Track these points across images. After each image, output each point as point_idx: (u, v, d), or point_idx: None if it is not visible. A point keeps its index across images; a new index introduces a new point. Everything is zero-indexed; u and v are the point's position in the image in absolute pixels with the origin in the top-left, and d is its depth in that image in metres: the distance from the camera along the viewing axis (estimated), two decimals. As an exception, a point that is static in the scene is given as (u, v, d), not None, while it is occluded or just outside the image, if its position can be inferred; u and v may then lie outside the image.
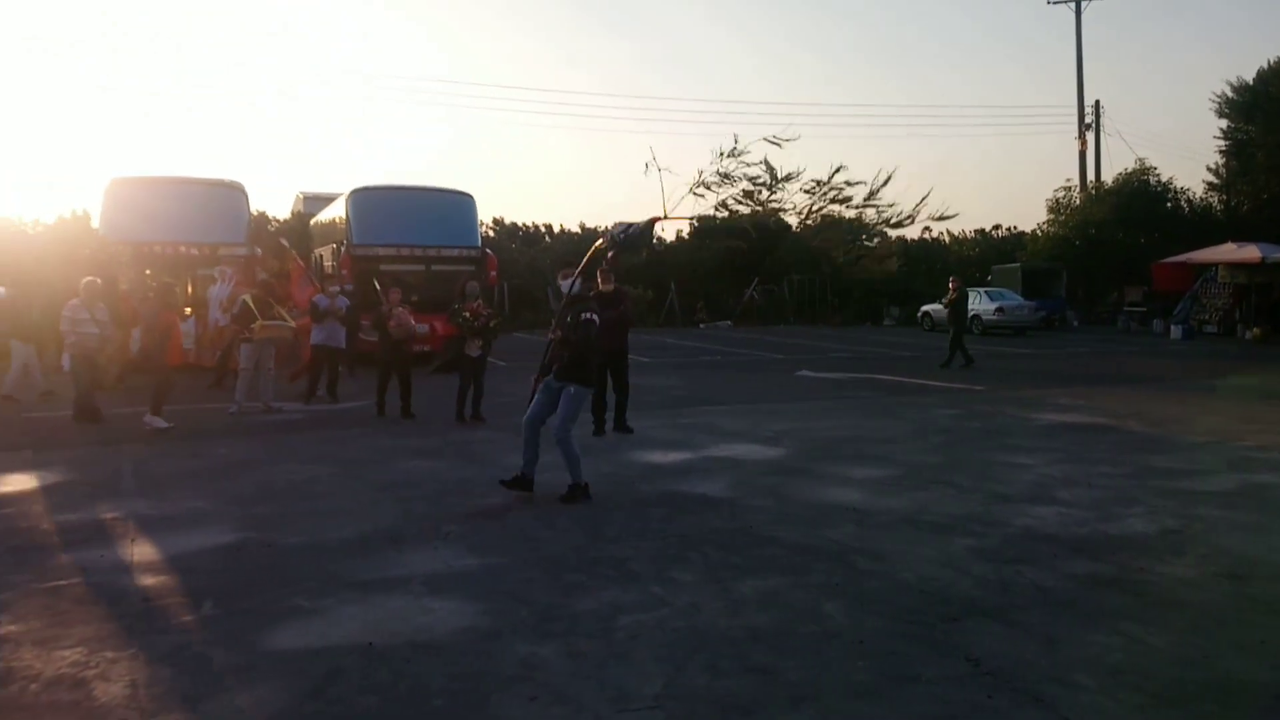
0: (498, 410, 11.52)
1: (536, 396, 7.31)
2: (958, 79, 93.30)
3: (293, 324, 12.37)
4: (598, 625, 4.55)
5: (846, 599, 4.91)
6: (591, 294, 7.35)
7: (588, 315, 7.16)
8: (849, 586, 5.11)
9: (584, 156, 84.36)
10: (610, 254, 9.20)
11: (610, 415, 10.45)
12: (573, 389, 7.13)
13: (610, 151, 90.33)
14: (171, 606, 4.84)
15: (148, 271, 17.19)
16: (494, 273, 19.79)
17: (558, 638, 4.39)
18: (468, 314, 10.82)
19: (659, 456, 9.00)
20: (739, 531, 6.23)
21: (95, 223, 20.08)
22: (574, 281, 7.53)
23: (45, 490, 7.57)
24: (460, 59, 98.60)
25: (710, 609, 4.78)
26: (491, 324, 11.09)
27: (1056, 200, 35.63)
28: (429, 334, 13.42)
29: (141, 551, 5.82)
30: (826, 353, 22.24)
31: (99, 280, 11.63)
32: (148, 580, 5.27)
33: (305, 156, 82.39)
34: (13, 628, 4.52)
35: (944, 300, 18.89)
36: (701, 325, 33.59)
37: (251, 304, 11.91)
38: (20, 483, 7.81)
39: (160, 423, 10.47)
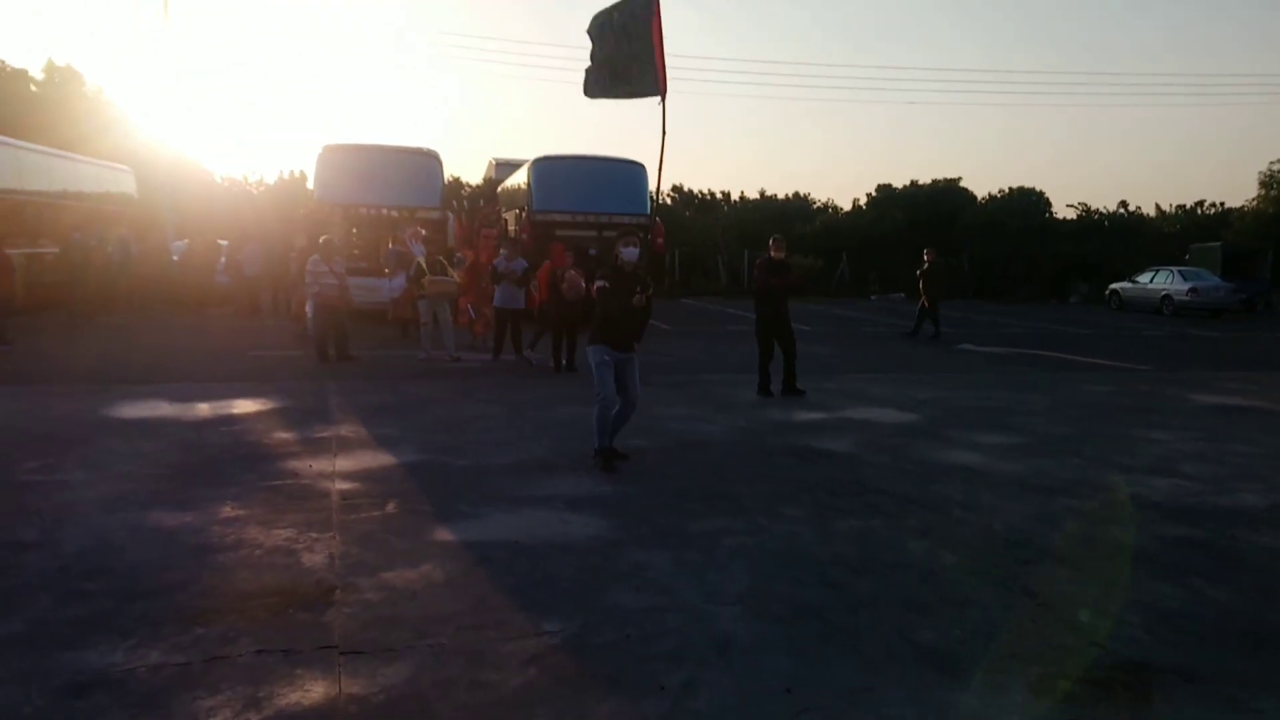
0: (654, 369, 12.39)
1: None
2: (1160, 44, 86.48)
3: (456, 279, 13.68)
4: (704, 543, 5.30)
5: (932, 539, 5.45)
6: (615, 263, 7.26)
7: (599, 283, 7.27)
8: (938, 530, 5.63)
9: (779, 126, 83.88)
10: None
11: (778, 379, 11.00)
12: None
13: (798, 118, 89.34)
14: (363, 505, 5.94)
15: (354, 230, 19.10)
16: (660, 240, 20.60)
17: (669, 550, 5.17)
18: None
19: (795, 415, 9.59)
20: (852, 482, 6.80)
21: (310, 184, 22.18)
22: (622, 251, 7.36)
23: (270, 414, 9.00)
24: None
25: (805, 538, 5.43)
26: (648, 285, 11.90)
27: (1270, 175, 32.95)
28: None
29: (342, 464, 7.01)
30: (996, 328, 21.89)
31: (334, 238, 13.31)
32: (345, 485, 6.42)
33: (530, 125, 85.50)
34: (241, 512, 5.72)
35: (919, 270, 18.55)
36: (873, 297, 33.31)
37: (423, 263, 13.30)
38: (251, 406, 9.29)
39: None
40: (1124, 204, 40.61)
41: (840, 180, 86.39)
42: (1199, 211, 38.84)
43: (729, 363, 13.97)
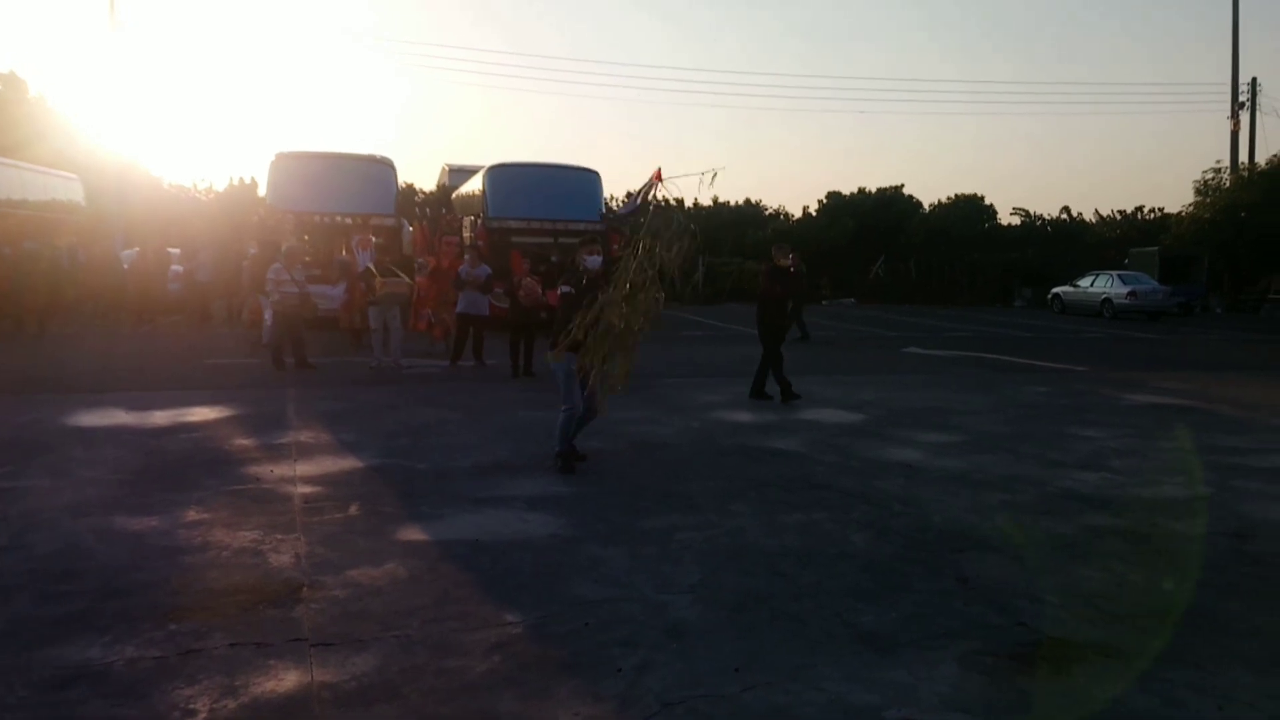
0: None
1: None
2: (1100, 55, 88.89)
3: (409, 281, 13.82)
4: (658, 538, 5.55)
5: (873, 532, 5.75)
6: (580, 267, 7.42)
7: (563, 289, 7.41)
8: (879, 523, 5.94)
9: (738, 134, 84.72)
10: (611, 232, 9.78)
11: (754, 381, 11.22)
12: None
13: (749, 126, 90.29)
14: (326, 507, 6.10)
15: (306, 237, 19.09)
16: (615, 247, 20.85)
17: (624, 544, 5.42)
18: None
19: (746, 417, 9.89)
20: (799, 479, 7.09)
21: (262, 191, 22.11)
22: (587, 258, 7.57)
23: (227, 421, 9.08)
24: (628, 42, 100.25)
25: (753, 532, 5.71)
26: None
27: (1205, 182, 34.13)
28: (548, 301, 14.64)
29: (303, 468, 7.16)
30: (941, 332, 22.45)
31: (295, 246, 13.36)
32: (308, 489, 6.57)
33: (483, 131, 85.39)
34: (206, 515, 5.85)
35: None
36: (824, 302, 33.86)
37: (373, 268, 13.43)
38: (209, 414, 9.36)
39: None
40: (1066, 210, 41.76)
41: (792, 188, 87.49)
42: (1139, 217, 40.04)
43: (684, 367, 14.26)
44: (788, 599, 4.60)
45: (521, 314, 12.89)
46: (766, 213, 44.11)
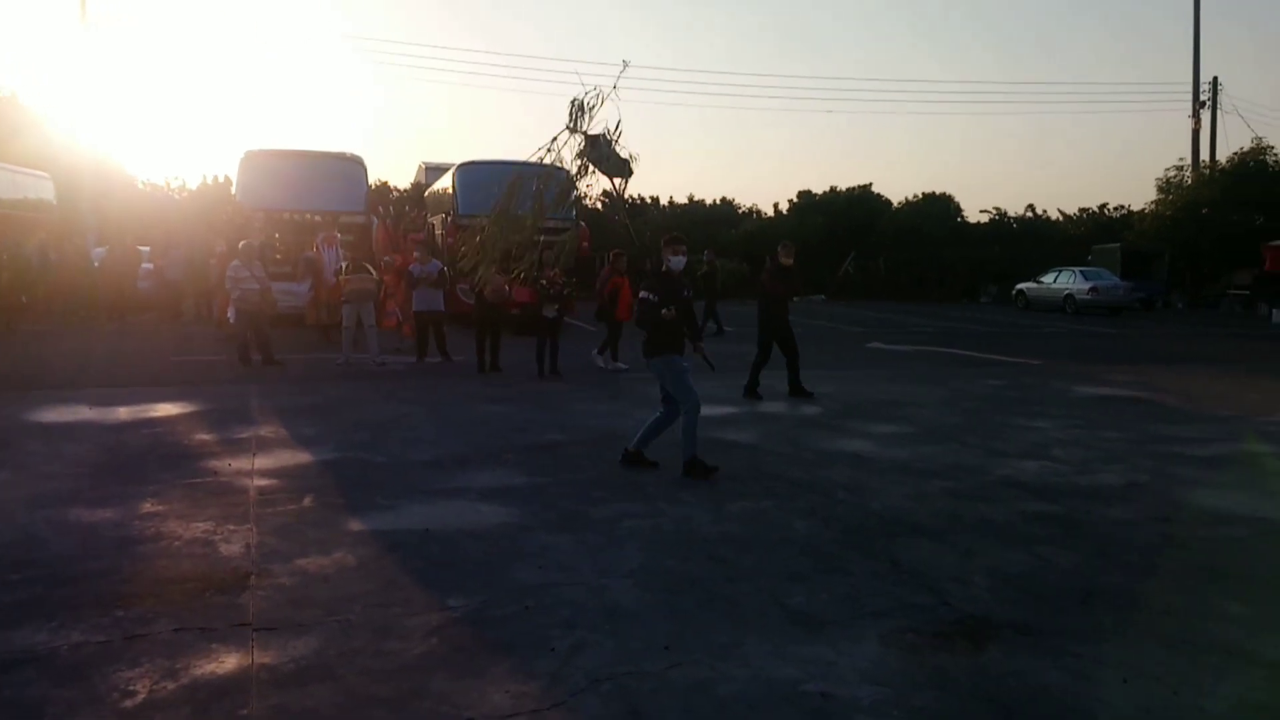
0: (576, 368, 12.88)
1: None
2: (1066, 55, 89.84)
3: (376, 277, 13.89)
4: (605, 526, 5.69)
5: (815, 519, 5.92)
6: (661, 271, 7.10)
7: (643, 294, 7.14)
8: (821, 511, 6.11)
9: (714, 133, 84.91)
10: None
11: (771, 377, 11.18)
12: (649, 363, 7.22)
13: (724, 126, 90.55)
14: (280, 499, 6.20)
15: (276, 235, 19.10)
16: (586, 244, 20.97)
17: (572, 532, 5.55)
18: (545, 281, 12.07)
19: (706, 410, 9.99)
20: (750, 469, 7.26)
21: (234, 189, 22.09)
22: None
23: (190, 416, 9.14)
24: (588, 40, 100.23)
25: (699, 519, 5.86)
26: (566, 291, 12.33)
27: (1167, 180, 34.71)
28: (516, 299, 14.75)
29: (261, 462, 7.24)
30: (906, 327, 22.74)
31: (254, 243, 13.38)
32: (263, 481, 6.66)
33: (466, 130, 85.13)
34: (161, 507, 5.94)
35: (699, 273, 19.48)
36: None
37: (343, 265, 13.54)
38: (171, 409, 9.42)
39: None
40: (1031, 208, 42.30)
41: (765, 186, 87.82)
42: (1103, 214, 40.61)
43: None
44: (724, 581, 4.76)
45: (487, 310, 12.99)
46: (740, 211, 44.37)
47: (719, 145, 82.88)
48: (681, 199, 45.72)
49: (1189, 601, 4.61)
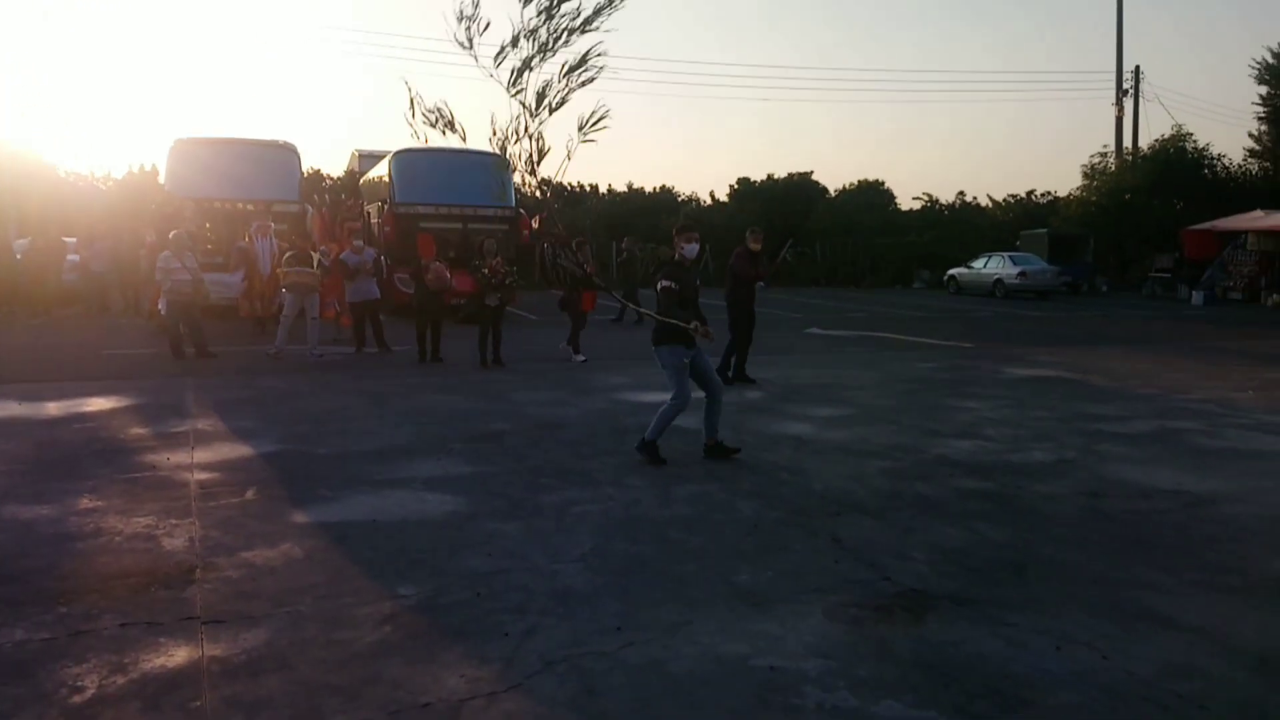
0: (520, 357, 12.88)
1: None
2: (994, 44, 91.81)
3: (315, 270, 13.68)
4: (554, 513, 5.73)
5: (760, 500, 6.04)
6: (675, 259, 7.09)
7: (664, 283, 7.02)
8: (766, 492, 6.24)
9: (651, 122, 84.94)
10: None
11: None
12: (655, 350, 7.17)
13: (662, 114, 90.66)
14: (222, 493, 6.12)
15: (207, 225, 18.68)
16: (526, 232, 20.91)
17: (521, 519, 5.59)
18: (486, 270, 12.03)
19: (648, 397, 10.11)
20: (694, 453, 7.35)
21: (162, 179, 21.53)
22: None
23: (125, 410, 8.94)
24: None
25: (646, 503, 5.94)
26: (508, 280, 12.30)
27: (1092, 166, 35.77)
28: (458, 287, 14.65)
29: (200, 456, 7.13)
30: (844, 313, 23.12)
31: (184, 233, 13.05)
32: (204, 475, 6.56)
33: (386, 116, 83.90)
34: (99, 503, 5.83)
35: (619, 260, 19.98)
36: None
37: (283, 256, 13.31)
38: (105, 404, 9.20)
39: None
40: (962, 194, 43.20)
41: (704, 174, 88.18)
42: (1031, 200, 41.63)
43: (592, 350, 14.41)
44: (672, 562, 4.84)
45: (428, 298, 12.90)
46: (680, 199, 44.53)
47: (658, 133, 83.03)
48: (621, 187, 45.81)
49: (1116, 571, 4.82)
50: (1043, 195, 41.70)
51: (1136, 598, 4.43)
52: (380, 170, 21.68)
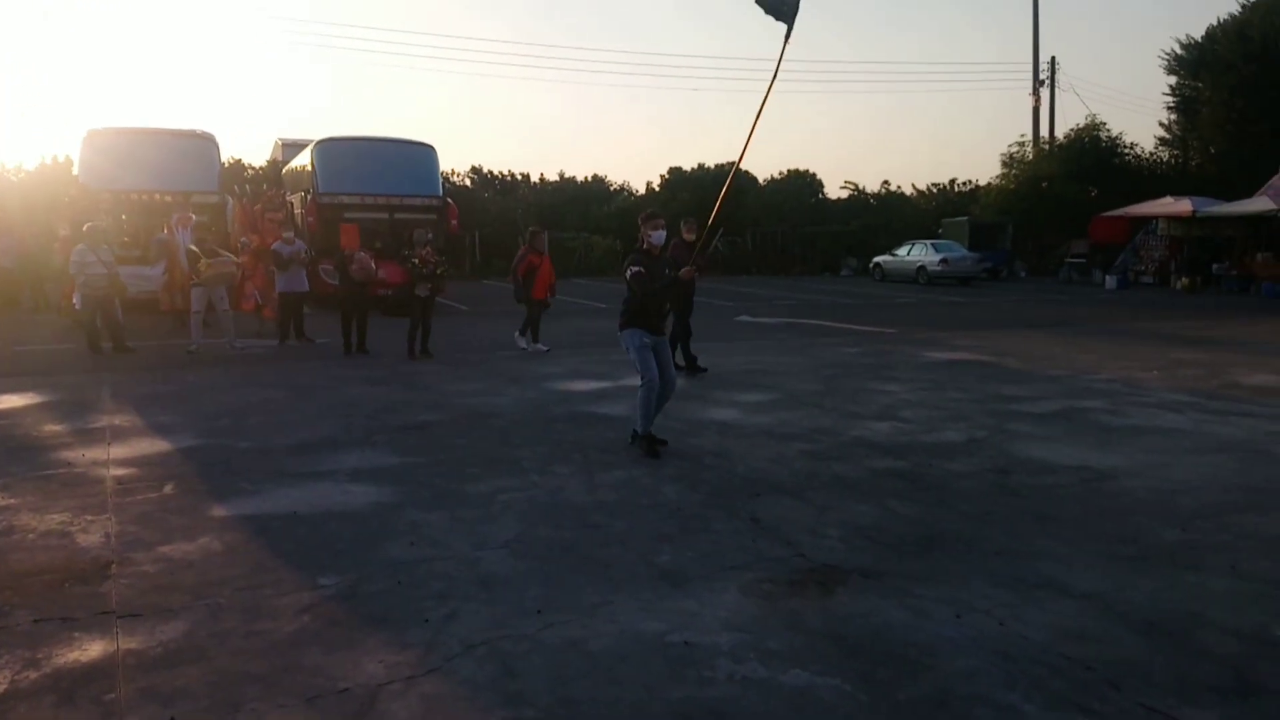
0: (450, 348, 12.83)
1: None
2: (916, 36, 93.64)
3: (237, 261, 13.46)
4: (480, 501, 5.78)
5: (683, 484, 6.17)
6: (643, 248, 7.22)
7: (634, 270, 7.09)
8: (689, 476, 6.36)
9: (567, 108, 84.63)
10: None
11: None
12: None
13: (594, 104, 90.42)
14: (139, 488, 6.03)
15: (124, 217, 18.21)
16: (455, 221, 20.77)
17: (445, 509, 5.62)
18: (416, 260, 11.96)
19: (579, 385, 10.21)
20: (621, 441, 7.44)
21: (76, 170, 20.90)
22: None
23: (38, 407, 8.72)
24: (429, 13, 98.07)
25: (572, 489, 6.02)
26: (439, 270, 12.23)
27: (1010, 155, 36.77)
28: (385, 278, 14.53)
29: (117, 451, 7.01)
30: (773, 300, 23.44)
31: (99, 225, 12.69)
32: (121, 471, 6.46)
33: (314, 106, 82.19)
34: (12, 501, 5.71)
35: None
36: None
37: (196, 249, 13.00)
38: (17, 401, 8.95)
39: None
40: (886, 184, 43.99)
41: (636, 163, 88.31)
42: (953, 189, 42.60)
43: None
44: (596, 546, 4.93)
45: (353, 289, 12.77)
46: (612, 188, 44.51)
47: (589, 122, 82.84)
48: (553, 176, 45.58)
49: (1018, 543, 5.04)
50: (964, 184, 42.72)
51: (1035, 567, 4.65)
52: (303, 159, 21.33)
